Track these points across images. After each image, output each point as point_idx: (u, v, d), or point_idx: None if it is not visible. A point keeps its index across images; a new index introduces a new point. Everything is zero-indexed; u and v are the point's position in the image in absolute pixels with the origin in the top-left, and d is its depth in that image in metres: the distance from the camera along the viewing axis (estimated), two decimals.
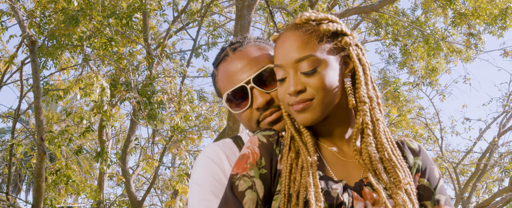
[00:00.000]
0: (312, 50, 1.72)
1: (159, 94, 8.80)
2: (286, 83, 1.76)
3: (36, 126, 8.56)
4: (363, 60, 1.82)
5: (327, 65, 1.73)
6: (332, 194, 1.66)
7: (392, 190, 1.69)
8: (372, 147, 1.75)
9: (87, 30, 7.41)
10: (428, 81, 13.37)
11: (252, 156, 1.76)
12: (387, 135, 1.81)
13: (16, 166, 14.08)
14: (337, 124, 1.83)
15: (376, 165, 1.72)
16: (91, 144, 17.83)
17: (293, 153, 1.75)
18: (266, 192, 1.71)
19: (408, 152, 1.92)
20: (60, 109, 24.89)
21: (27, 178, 23.35)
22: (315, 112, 1.73)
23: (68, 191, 13.56)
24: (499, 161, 13.75)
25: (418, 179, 1.88)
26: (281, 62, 1.77)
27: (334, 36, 1.78)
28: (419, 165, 1.90)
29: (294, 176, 1.70)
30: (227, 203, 1.67)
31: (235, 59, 2.07)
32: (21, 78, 10.39)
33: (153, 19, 12.46)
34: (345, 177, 1.76)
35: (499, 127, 13.74)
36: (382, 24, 12.72)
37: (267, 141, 1.80)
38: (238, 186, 1.70)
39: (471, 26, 12.40)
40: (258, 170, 1.73)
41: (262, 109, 2.00)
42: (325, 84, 1.72)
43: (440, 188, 1.89)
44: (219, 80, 2.12)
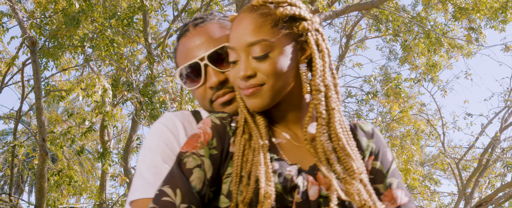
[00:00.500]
0: (266, 35, 1.66)
1: (161, 94, 8.80)
2: (237, 66, 1.72)
3: (37, 126, 8.57)
4: (323, 46, 1.75)
5: (280, 51, 1.67)
6: (286, 176, 1.61)
7: (346, 180, 1.64)
8: (324, 136, 1.69)
9: (89, 32, 7.40)
10: (429, 77, 13.35)
11: (204, 136, 1.70)
12: (343, 124, 1.74)
13: (18, 167, 14.09)
14: (291, 109, 1.77)
15: (328, 155, 1.67)
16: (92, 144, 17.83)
17: (246, 135, 1.70)
18: (214, 173, 1.65)
19: (362, 135, 1.88)
20: (61, 110, 24.89)
21: (29, 179, 23.36)
22: (264, 98, 1.68)
23: (70, 192, 13.57)
24: (502, 156, 13.75)
25: (371, 162, 1.84)
26: (234, 45, 1.71)
27: (292, 20, 1.72)
28: (372, 147, 1.86)
29: (247, 157, 1.65)
30: (173, 178, 1.61)
31: (195, 35, 2.01)
32: (22, 80, 10.40)
33: (153, 18, 12.45)
34: (299, 161, 1.71)
35: (501, 121, 13.74)
36: (382, 20, 12.70)
37: (220, 123, 1.74)
38: (186, 163, 1.63)
39: (471, 20, 12.38)
40: (209, 150, 1.67)
41: (215, 88, 1.94)
42: (277, 70, 1.66)
43: (393, 171, 1.85)
44: (178, 55, 2.07)
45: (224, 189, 1.65)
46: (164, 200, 1.57)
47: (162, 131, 1.90)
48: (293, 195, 1.60)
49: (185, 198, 1.57)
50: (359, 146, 1.83)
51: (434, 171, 18.92)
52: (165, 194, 1.58)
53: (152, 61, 9.40)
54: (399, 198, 1.80)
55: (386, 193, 1.81)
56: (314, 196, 1.62)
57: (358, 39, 16.02)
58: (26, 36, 8.05)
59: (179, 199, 1.57)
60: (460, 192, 13.24)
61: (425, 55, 12.73)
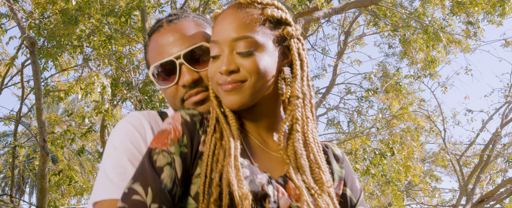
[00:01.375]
0: (252, 32, 1.65)
1: (160, 92, 8.79)
2: (219, 61, 1.68)
3: (38, 127, 8.56)
4: (303, 55, 1.75)
5: (264, 50, 1.66)
6: (257, 183, 1.58)
7: (315, 191, 1.62)
8: (299, 143, 1.67)
9: (86, 29, 7.38)
10: (428, 73, 13.35)
11: (174, 133, 1.64)
12: (315, 135, 1.73)
13: (19, 168, 14.10)
14: (264, 114, 1.75)
15: (300, 163, 1.65)
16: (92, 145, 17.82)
17: (218, 133, 1.67)
18: (184, 172, 1.60)
19: (332, 158, 1.87)
20: (61, 111, 24.90)
21: (30, 180, 23.37)
22: (244, 95, 1.65)
23: (71, 192, 13.57)
24: (503, 152, 13.75)
25: (342, 188, 1.83)
26: (218, 38, 1.69)
27: (278, 24, 1.72)
28: (341, 172, 1.86)
29: (217, 157, 1.61)
30: (143, 176, 1.55)
31: (169, 31, 1.96)
32: (22, 80, 10.39)
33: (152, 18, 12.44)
34: (269, 170, 1.68)
35: (502, 117, 13.75)
36: (380, 16, 12.70)
37: (191, 120, 1.69)
38: (156, 161, 1.58)
39: (469, 14, 12.37)
40: (179, 147, 1.62)
41: (188, 87, 1.90)
42: (260, 68, 1.64)
43: (362, 201, 1.86)
44: (149, 51, 2.01)
45: (193, 190, 1.60)
46: (135, 200, 1.51)
47: (129, 130, 1.84)
48: (263, 204, 1.57)
49: (156, 198, 1.52)
50: (330, 169, 1.82)
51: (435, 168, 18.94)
52: (135, 192, 1.53)
53: None
54: None
55: None
56: (285, 206, 1.60)
57: (356, 36, 16.02)
58: (25, 36, 8.05)
59: (150, 198, 1.51)
60: (462, 188, 13.25)
61: (423, 50, 12.73)
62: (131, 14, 7.62)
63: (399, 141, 12.13)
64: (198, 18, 2.04)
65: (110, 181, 1.72)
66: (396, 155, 10.87)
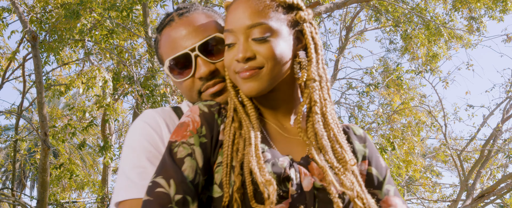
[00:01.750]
0: (266, 18, 1.66)
1: (162, 87, 8.80)
2: (235, 49, 1.69)
3: (39, 121, 8.57)
4: (316, 38, 1.77)
5: (279, 36, 1.67)
6: (279, 165, 1.59)
7: (339, 170, 1.62)
8: (319, 124, 1.68)
9: (88, 23, 7.37)
10: (429, 68, 13.35)
11: (193, 124, 1.68)
12: (334, 116, 1.75)
13: (20, 162, 14.12)
14: (281, 99, 1.77)
15: (322, 143, 1.66)
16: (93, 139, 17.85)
17: (236, 123, 1.69)
18: (205, 162, 1.63)
19: (354, 138, 1.88)
20: (62, 105, 24.92)
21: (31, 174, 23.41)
22: (262, 81, 1.66)
23: (72, 186, 13.60)
24: (503, 147, 13.75)
25: (366, 167, 1.84)
26: (232, 27, 1.70)
27: (290, 9, 1.73)
28: (365, 152, 1.86)
29: (237, 146, 1.64)
30: (165, 169, 1.59)
31: (181, 24, 1.96)
32: (23, 74, 10.39)
33: (153, 13, 12.43)
34: (290, 153, 1.70)
35: (503, 112, 13.74)
36: (382, 11, 12.68)
37: (208, 111, 1.72)
38: (177, 153, 1.62)
39: (472, 10, 12.36)
40: (199, 138, 1.65)
41: (205, 79, 1.90)
42: (276, 54, 1.65)
43: (389, 179, 1.86)
44: (162, 46, 2.01)
45: (217, 179, 1.63)
46: (158, 191, 1.55)
47: (145, 129, 1.86)
48: (286, 186, 1.58)
49: (179, 189, 1.55)
50: (353, 148, 1.83)
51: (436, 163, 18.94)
52: (158, 185, 1.56)
53: (152, 54, 9.39)
54: (398, 205, 1.81)
55: (384, 199, 1.82)
56: (308, 187, 1.61)
57: (357, 31, 16.01)
58: (26, 30, 8.04)
59: (173, 189, 1.55)
60: (462, 183, 13.25)
61: (424, 46, 12.72)
62: (133, 9, 7.62)
63: (400, 136, 12.14)
64: (208, 10, 2.04)
65: (131, 181, 1.75)
66: (397, 150, 10.88)
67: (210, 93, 1.90)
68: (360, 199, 1.60)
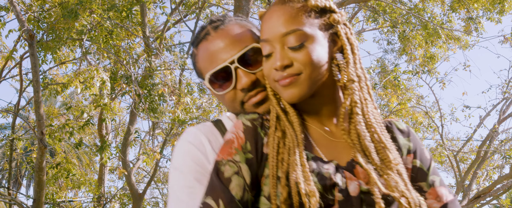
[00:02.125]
0: (300, 25, 1.68)
1: (159, 86, 8.79)
2: (272, 58, 1.71)
3: (36, 119, 8.55)
4: (351, 39, 1.78)
5: (315, 41, 1.68)
6: (324, 174, 1.60)
7: (383, 170, 1.64)
8: (361, 126, 1.70)
9: (87, 24, 7.37)
10: (427, 69, 13.36)
11: (237, 141, 1.69)
12: (376, 115, 1.76)
13: (17, 161, 14.10)
14: (323, 103, 1.78)
15: (365, 145, 1.67)
16: (90, 138, 17.83)
17: (279, 132, 1.70)
18: (253, 178, 1.65)
19: (398, 133, 1.87)
20: (59, 104, 24.88)
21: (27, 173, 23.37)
22: (302, 87, 1.67)
23: (69, 185, 13.58)
24: (500, 148, 13.77)
25: (411, 160, 1.84)
26: (268, 36, 1.72)
27: (322, 12, 1.74)
28: (409, 145, 1.86)
29: (282, 156, 1.64)
30: (214, 190, 1.61)
31: (217, 38, 1.96)
32: (20, 73, 10.37)
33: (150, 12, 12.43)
34: (335, 157, 1.71)
35: (499, 113, 13.76)
36: (379, 12, 12.70)
37: (252, 125, 1.73)
38: (224, 172, 1.64)
39: (469, 10, 12.38)
40: (244, 154, 1.67)
41: (247, 90, 1.91)
42: (313, 59, 1.66)
43: (433, 169, 1.86)
44: (200, 60, 2.02)
45: (265, 191, 1.65)
46: None
47: (189, 149, 1.88)
48: (333, 194, 1.59)
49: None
50: (396, 144, 1.83)
51: None
52: (208, 206, 1.59)
53: (150, 54, 9.39)
54: (445, 195, 1.81)
55: (430, 191, 1.81)
56: (355, 191, 1.61)
57: (355, 31, 16.02)
58: (24, 29, 8.02)
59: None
60: (458, 184, 13.27)
61: (422, 47, 12.73)
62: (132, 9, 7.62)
63: None
64: (241, 20, 2.06)
65: (181, 202, 1.79)
66: None
67: (253, 103, 1.92)
68: (405, 198, 1.60)
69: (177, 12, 12.13)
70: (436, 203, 1.80)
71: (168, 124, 11.60)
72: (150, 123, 11.32)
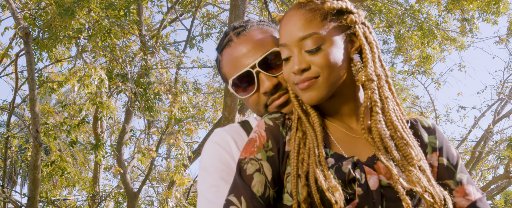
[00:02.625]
0: (316, 28, 1.71)
1: (155, 85, 8.79)
2: (290, 62, 1.75)
3: (31, 118, 8.53)
4: (370, 38, 1.80)
5: (331, 43, 1.71)
6: (343, 169, 1.64)
7: (405, 167, 1.66)
8: (381, 124, 1.72)
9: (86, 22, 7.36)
10: (422, 70, 13.39)
11: (259, 140, 1.75)
12: (397, 112, 1.78)
13: (12, 159, 14.06)
14: (344, 102, 1.81)
15: (386, 142, 1.70)
16: (85, 136, 17.80)
17: (300, 133, 1.74)
18: (275, 174, 1.71)
19: (423, 131, 1.89)
20: (54, 102, 24.82)
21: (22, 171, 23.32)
22: (320, 90, 1.71)
23: (63, 183, 13.56)
24: (494, 149, 13.82)
25: (437, 158, 1.85)
26: (285, 41, 1.75)
27: (339, 14, 1.76)
28: (435, 143, 1.87)
29: (302, 156, 1.69)
30: (236, 187, 1.68)
31: (240, 43, 2.03)
32: (16, 71, 10.35)
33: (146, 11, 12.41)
34: (356, 154, 1.74)
35: (494, 114, 13.82)
36: (375, 12, 12.71)
37: (274, 124, 1.79)
38: (246, 170, 1.70)
39: (464, 11, 12.40)
40: (266, 152, 1.73)
41: (269, 93, 1.97)
42: (330, 62, 1.69)
43: (461, 167, 1.86)
44: (224, 66, 2.09)
45: (288, 188, 1.69)
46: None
47: (215, 149, 1.96)
48: (353, 188, 1.62)
49: (250, 204, 1.65)
50: (421, 141, 1.84)
51: None
52: (231, 203, 1.66)
53: (146, 52, 9.38)
54: (473, 193, 1.81)
55: (457, 189, 1.81)
56: (375, 185, 1.63)
57: None
58: (19, 27, 8.00)
59: (244, 206, 1.64)
60: None
61: (418, 47, 12.76)
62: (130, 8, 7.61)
63: None
64: (263, 25, 2.12)
65: (208, 200, 1.87)
66: None
67: (277, 105, 1.98)
68: (429, 193, 1.61)
69: (173, 11, 12.11)
70: (464, 201, 1.80)
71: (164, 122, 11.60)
72: (146, 122, 11.31)
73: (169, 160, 14.51)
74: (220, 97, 14.85)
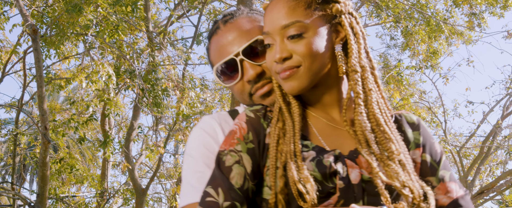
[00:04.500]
0: (299, 17, 1.67)
1: (163, 81, 8.80)
2: (272, 50, 1.72)
3: (39, 115, 8.56)
4: (357, 28, 1.76)
5: (315, 32, 1.68)
6: (324, 163, 1.60)
7: (384, 161, 1.62)
8: (363, 116, 1.68)
9: (94, 18, 7.38)
10: (430, 65, 13.34)
11: (240, 131, 1.71)
12: (381, 106, 1.74)
13: (20, 156, 14.12)
14: (328, 92, 1.77)
15: (367, 136, 1.66)
16: (93, 133, 17.84)
17: (280, 123, 1.71)
18: (255, 167, 1.67)
19: (407, 126, 1.85)
20: (62, 99, 24.90)
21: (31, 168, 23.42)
22: (301, 79, 1.68)
23: (72, 180, 13.61)
24: (503, 144, 13.77)
25: (420, 154, 1.81)
26: (268, 29, 1.72)
27: (325, 3, 1.72)
28: (418, 139, 1.83)
29: (281, 147, 1.65)
30: (214, 179, 1.64)
31: (226, 31, 2.02)
32: (24, 68, 10.38)
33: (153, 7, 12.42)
34: (338, 146, 1.70)
35: (503, 109, 13.76)
36: (382, 7, 12.67)
37: (254, 116, 1.75)
38: (225, 162, 1.66)
39: (472, 6, 12.35)
40: (246, 144, 1.69)
41: (253, 82, 1.95)
42: (312, 51, 1.66)
43: (444, 164, 1.83)
44: (211, 54, 2.08)
45: (267, 181, 1.66)
46: (208, 201, 1.61)
47: (201, 135, 1.93)
48: (334, 181, 1.59)
49: (228, 196, 1.60)
50: (404, 136, 1.81)
51: None
52: (208, 194, 1.62)
53: (153, 48, 9.39)
54: (455, 191, 1.79)
55: (439, 186, 1.79)
56: (356, 179, 1.61)
57: None
58: (27, 24, 8.02)
59: (221, 197, 1.60)
60: (461, 179, 13.26)
61: (425, 42, 12.71)
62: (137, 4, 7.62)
63: None
64: (253, 14, 2.09)
65: (191, 186, 1.83)
66: None
67: (260, 95, 1.96)
68: (408, 188, 1.58)
69: (180, 7, 12.12)
70: (445, 198, 1.78)
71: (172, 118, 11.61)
72: (153, 118, 11.33)
73: (177, 156, 14.55)
74: (228, 93, 14.84)
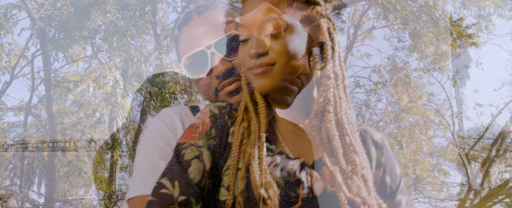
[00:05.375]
0: (280, 14, 1.60)
1: (170, 84, 8.81)
2: (248, 45, 1.63)
3: (47, 117, 8.59)
4: (333, 34, 1.70)
5: (293, 31, 1.61)
6: (288, 170, 1.55)
7: (347, 174, 1.58)
8: (331, 124, 1.62)
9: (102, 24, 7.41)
10: (438, 67, 13.31)
11: (202, 126, 1.63)
12: (349, 116, 1.68)
13: (29, 158, 14.18)
14: (298, 97, 1.68)
15: (334, 144, 1.60)
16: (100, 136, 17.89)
17: (245, 123, 1.63)
18: (213, 164, 1.58)
19: (371, 143, 1.80)
20: (69, 102, 24.98)
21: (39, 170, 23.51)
22: (274, 78, 1.59)
23: (80, 183, 13.66)
24: None
25: (380, 175, 1.76)
26: (246, 22, 1.64)
27: (307, 3, 1.66)
28: (381, 159, 1.79)
29: (244, 147, 1.58)
30: (172, 171, 1.55)
31: (199, 23, 1.92)
32: (32, 71, 10.43)
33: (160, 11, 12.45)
34: (302, 155, 1.64)
35: None
36: (390, 9, 12.65)
37: (219, 112, 1.67)
38: (184, 155, 1.57)
39: (480, 8, 12.31)
40: (207, 140, 1.60)
41: (221, 77, 1.86)
42: (289, 50, 1.58)
43: (402, 188, 1.78)
44: (180, 44, 1.97)
45: (225, 181, 1.58)
46: (162, 193, 1.52)
47: (159, 126, 1.83)
48: (296, 191, 1.54)
49: (184, 190, 1.52)
50: (367, 154, 1.75)
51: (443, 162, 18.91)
52: (163, 186, 1.53)
53: (161, 52, 9.41)
54: None
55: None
56: (319, 191, 1.57)
57: (365, 29, 15.96)
58: (36, 27, 8.06)
59: (177, 191, 1.52)
60: (470, 182, 13.21)
61: (433, 44, 12.67)
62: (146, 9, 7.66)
63: (408, 135, 12.11)
64: (228, 7, 2.01)
65: (143, 178, 1.74)
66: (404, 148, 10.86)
67: (227, 92, 1.87)
68: (368, 205, 1.55)
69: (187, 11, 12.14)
70: None
71: None
72: None
73: None
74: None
